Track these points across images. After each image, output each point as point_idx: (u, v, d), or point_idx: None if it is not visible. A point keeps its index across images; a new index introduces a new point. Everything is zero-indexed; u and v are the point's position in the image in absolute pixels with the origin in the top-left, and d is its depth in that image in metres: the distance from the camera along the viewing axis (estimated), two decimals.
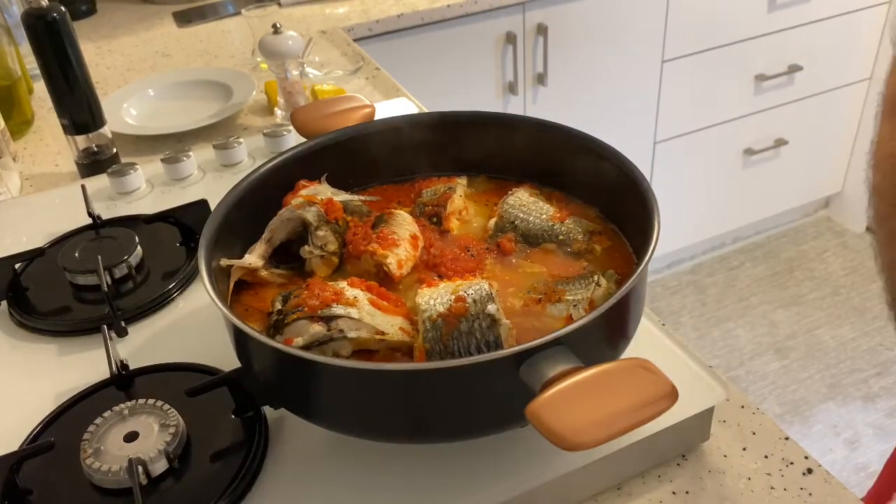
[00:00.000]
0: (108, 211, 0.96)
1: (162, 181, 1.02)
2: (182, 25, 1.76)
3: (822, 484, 0.62)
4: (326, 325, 0.58)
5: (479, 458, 0.60)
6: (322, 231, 0.69)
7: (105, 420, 0.63)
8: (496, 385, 0.52)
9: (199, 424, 0.63)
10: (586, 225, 0.70)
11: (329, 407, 0.58)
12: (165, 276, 0.84)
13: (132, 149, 1.22)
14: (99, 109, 1.11)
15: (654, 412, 0.46)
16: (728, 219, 2.49)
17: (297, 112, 0.83)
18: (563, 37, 1.87)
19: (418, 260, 0.69)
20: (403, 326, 0.60)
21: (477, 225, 0.75)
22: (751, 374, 2.16)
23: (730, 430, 0.67)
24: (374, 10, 1.70)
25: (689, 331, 2.31)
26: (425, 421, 0.56)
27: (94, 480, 0.59)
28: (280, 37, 1.18)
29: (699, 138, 2.23)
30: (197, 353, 0.71)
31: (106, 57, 1.63)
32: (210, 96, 1.35)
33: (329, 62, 1.51)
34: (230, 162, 1.04)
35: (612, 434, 0.45)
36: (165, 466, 0.60)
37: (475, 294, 0.58)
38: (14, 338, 0.79)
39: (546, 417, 0.45)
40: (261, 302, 0.66)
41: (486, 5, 1.73)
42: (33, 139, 1.31)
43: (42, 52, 1.03)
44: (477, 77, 1.85)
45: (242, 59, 1.56)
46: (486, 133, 0.78)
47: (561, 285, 0.64)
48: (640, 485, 0.63)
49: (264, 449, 0.62)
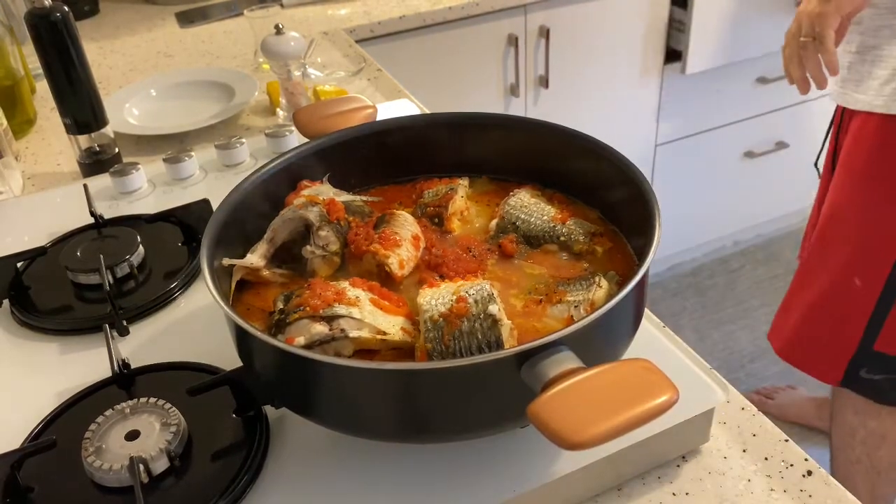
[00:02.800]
0: (110, 210, 0.97)
1: (164, 181, 1.03)
2: (184, 26, 1.76)
3: (822, 486, 0.62)
4: (328, 324, 0.58)
5: (480, 458, 0.61)
6: (324, 231, 0.69)
7: (106, 419, 0.63)
8: (497, 385, 0.52)
9: (200, 423, 0.63)
10: (587, 226, 0.71)
11: (330, 406, 0.58)
12: (167, 276, 0.84)
13: (134, 148, 1.23)
14: (101, 109, 1.11)
15: (654, 413, 0.46)
16: (729, 221, 2.49)
17: (299, 113, 0.83)
18: (564, 39, 1.88)
19: (420, 260, 0.69)
20: (405, 326, 0.60)
21: (478, 226, 0.75)
22: (751, 376, 2.16)
23: (730, 432, 0.67)
24: (376, 12, 1.70)
25: (690, 333, 2.31)
26: (426, 421, 0.56)
27: (95, 479, 0.59)
28: (282, 38, 1.18)
29: (700, 141, 2.23)
30: (198, 353, 0.71)
31: (108, 57, 1.63)
32: (212, 97, 1.35)
33: (331, 63, 1.51)
34: (232, 162, 1.05)
35: (613, 434, 0.45)
36: (166, 465, 0.60)
37: (476, 294, 0.58)
38: (16, 336, 0.79)
39: (547, 417, 0.45)
40: (262, 301, 0.67)
41: (488, 7, 1.74)
42: (36, 138, 1.31)
43: (45, 51, 1.03)
44: (479, 79, 1.85)
45: (245, 60, 1.56)
46: (488, 134, 0.79)
47: (562, 286, 0.64)
48: (640, 486, 0.63)
49: (265, 448, 0.62)
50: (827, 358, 1.39)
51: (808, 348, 1.42)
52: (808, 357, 1.43)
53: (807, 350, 1.43)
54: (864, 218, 1.27)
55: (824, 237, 1.35)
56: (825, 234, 1.35)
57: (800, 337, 1.42)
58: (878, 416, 1.40)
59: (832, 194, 1.32)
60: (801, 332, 1.42)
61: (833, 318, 1.36)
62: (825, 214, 1.35)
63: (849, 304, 1.32)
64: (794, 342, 1.43)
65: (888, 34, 1.13)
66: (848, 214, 1.30)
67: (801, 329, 1.42)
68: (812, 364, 1.43)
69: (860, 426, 1.44)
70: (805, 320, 1.40)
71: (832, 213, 1.33)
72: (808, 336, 1.41)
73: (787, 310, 1.47)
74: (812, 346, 1.42)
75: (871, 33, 1.14)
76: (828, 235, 1.34)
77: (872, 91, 1.15)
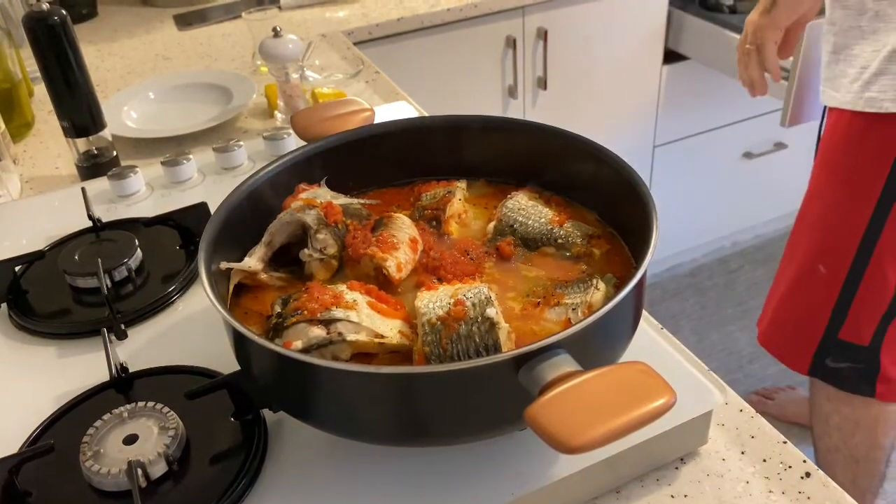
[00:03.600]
0: (108, 214, 0.96)
1: (162, 184, 1.03)
2: (182, 28, 1.76)
3: (820, 487, 0.62)
4: (326, 328, 0.58)
5: (478, 462, 0.61)
6: (321, 234, 0.69)
7: (104, 423, 0.63)
8: (495, 388, 0.52)
9: (198, 427, 0.63)
10: (585, 228, 0.71)
11: (328, 410, 0.58)
12: (165, 279, 0.84)
13: (132, 152, 1.23)
14: (99, 112, 1.11)
15: (651, 416, 0.46)
16: (727, 222, 2.50)
17: (297, 115, 0.83)
18: (562, 41, 1.88)
19: (417, 263, 0.69)
20: (402, 330, 0.60)
21: (476, 228, 0.75)
22: (750, 376, 2.16)
23: (728, 434, 0.67)
24: (374, 14, 1.70)
25: (689, 334, 2.31)
26: (424, 424, 0.56)
27: (93, 483, 0.59)
28: (280, 40, 1.18)
29: (698, 142, 2.23)
30: (196, 356, 0.71)
31: (106, 60, 1.63)
32: (210, 99, 1.35)
33: (329, 66, 1.51)
34: (230, 165, 1.05)
35: (611, 438, 0.45)
36: (165, 469, 0.60)
37: (474, 297, 0.58)
38: (14, 340, 0.79)
39: (544, 421, 0.45)
40: (260, 305, 0.67)
41: (487, 9, 1.74)
42: (33, 142, 1.31)
43: (43, 54, 1.03)
44: (477, 81, 1.85)
45: (242, 63, 1.56)
46: (486, 137, 0.79)
47: (560, 289, 0.64)
48: (638, 488, 0.63)
49: (263, 452, 0.62)
50: (796, 346, 1.42)
51: (781, 336, 1.46)
52: (782, 345, 1.47)
53: (780, 338, 1.47)
54: (828, 209, 1.31)
55: (796, 227, 1.41)
56: (797, 223, 1.41)
57: (774, 325, 1.46)
58: (851, 402, 1.43)
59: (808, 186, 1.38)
60: (776, 320, 1.45)
61: (801, 307, 1.39)
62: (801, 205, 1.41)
63: (815, 294, 1.35)
64: (770, 330, 1.47)
65: (856, 35, 1.17)
66: (815, 205, 1.35)
67: (775, 317, 1.45)
68: (784, 352, 1.46)
69: (834, 413, 1.47)
70: (778, 309, 1.44)
71: (803, 204, 1.39)
72: (780, 324, 1.45)
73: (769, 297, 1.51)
74: (784, 335, 1.46)
75: (842, 34, 1.19)
76: (798, 225, 1.40)
77: (843, 89, 1.20)
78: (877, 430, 1.44)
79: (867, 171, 1.22)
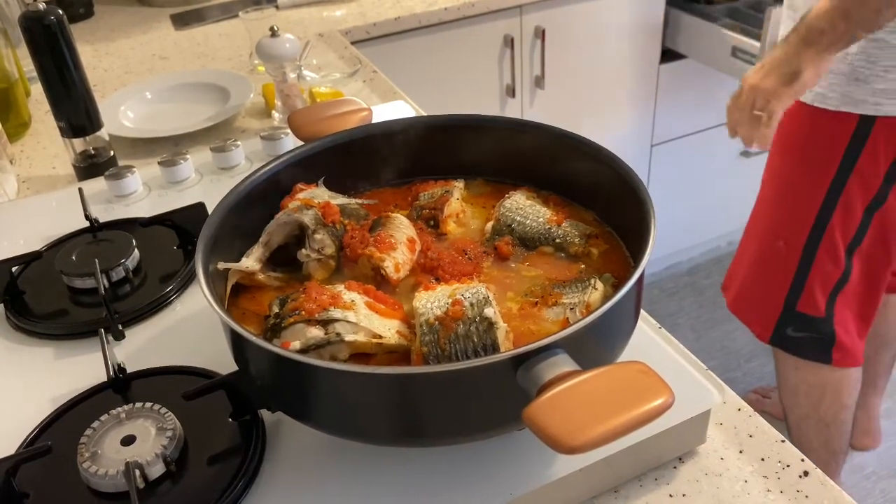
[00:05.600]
0: (106, 214, 0.96)
1: (159, 184, 1.02)
2: (179, 28, 1.76)
3: (818, 486, 0.62)
4: (324, 328, 0.58)
5: (476, 462, 0.61)
6: (319, 234, 0.69)
7: (102, 423, 0.63)
8: (493, 389, 0.52)
9: (196, 428, 0.63)
10: (583, 228, 0.71)
11: (326, 410, 0.58)
12: (163, 280, 0.84)
13: (129, 151, 1.22)
14: (96, 112, 1.11)
15: (650, 416, 0.46)
16: (725, 221, 2.49)
17: (295, 115, 0.83)
18: (560, 40, 1.88)
19: (415, 263, 0.69)
20: (400, 330, 0.60)
21: (474, 228, 0.75)
22: (749, 375, 2.16)
23: (726, 433, 0.67)
24: (372, 13, 1.70)
25: (687, 332, 2.31)
26: (422, 424, 0.56)
27: (90, 484, 0.59)
28: (277, 40, 1.18)
29: (696, 141, 2.23)
30: (194, 357, 0.71)
31: (103, 59, 1.63)
32: (207, 99, 1.35)
33: (326, 65, 1.51)
34: (227, 165, 1.04)
35: (609, 437, 0.45)
36: (162, 470, 0.60)
37: (472, 297, 0.58)
38: (11, 341, 0.79)
39: (543, 421, 0.45)
40: (258, 305, 0.67)
41: (484, 8, 1.74)
42: (30, 142, 1.31)
43: (39, 54, 1.03)
44: (475, 80, 1.85)
45: (240, 62, 1.56)
46: (484, 136, 0.79)
47: (558, 289, 0.64)
48: (636, 488, 0.63)
49: (261, 452, 0.62)
50: (761, 317, 1.51)
51: (748, 305, 1.55)
52: (748, 314, 1.56)
53: (747, 307, 1.56)
54: (786, 188, 1.40)
55: (757, 204, 1.49)
56: (758, 201, 1.49)
57: (741, 297, 1.56)
58: (816, 371, 1.51)
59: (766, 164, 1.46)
60: (743, 289, 1.55)
61: (764, 279, 1.48)
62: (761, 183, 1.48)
63: (775, 267, 1.44)
64: (739, 298, 1.56)
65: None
66: (774, 184, 1.43)
67: (742, 286, 1.54)
68: (751, 321, 1.55)
69: (801, 382, 1.54)
70: (745, 278, 1.53)
71: (763, 182, 1.47)
72: (747, 294, 1.54)
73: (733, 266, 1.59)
74: (750, 304, 1.55)
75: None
76: (759, 202, 1.49)
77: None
78: (842, 393, 1.53)
79: (821, 157, 1.31)
